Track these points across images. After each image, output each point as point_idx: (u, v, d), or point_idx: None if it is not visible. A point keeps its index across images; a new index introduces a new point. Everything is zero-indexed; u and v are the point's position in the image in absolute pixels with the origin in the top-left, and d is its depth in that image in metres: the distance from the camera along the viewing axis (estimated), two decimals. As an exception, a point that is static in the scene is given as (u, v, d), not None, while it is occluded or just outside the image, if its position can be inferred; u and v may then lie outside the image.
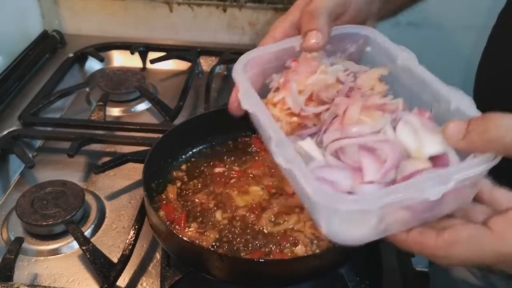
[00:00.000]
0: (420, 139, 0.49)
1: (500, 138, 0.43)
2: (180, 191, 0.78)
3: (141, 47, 1.23)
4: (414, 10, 1.94)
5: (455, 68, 2.00)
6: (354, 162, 0.50)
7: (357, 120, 0.52)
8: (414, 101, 0.53)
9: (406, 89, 0.55)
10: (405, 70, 0.55)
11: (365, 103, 0.54)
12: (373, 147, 0.50)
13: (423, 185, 0.44)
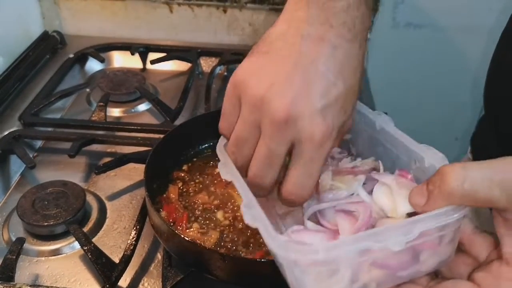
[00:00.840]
0: (395, 199, 0.50)
1: (459, 188, 0.42)
2: (182, 191, 0.78)
3: (141, 47, 1.23)
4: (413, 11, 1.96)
5: (454, 68, 2.01)
6: (332, 225, 0.51)
7: (331, 186, 0.54)
8: (396, 163, 0.55)
9: (388, 152, 0.57)
10: (383, 133, 0.57)
11: (336, 168, 0.56)
12: (350, 209, 0.51)
13: (384, 235, 0.43)
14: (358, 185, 0.53)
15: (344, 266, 0.43)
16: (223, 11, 1.27)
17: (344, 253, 0.42)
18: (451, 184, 0.42)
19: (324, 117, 0.48)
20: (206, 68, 1.22)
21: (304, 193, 0.51)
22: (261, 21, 1.26)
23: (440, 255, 0.46)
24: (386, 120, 0.58)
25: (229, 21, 1.28)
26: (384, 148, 0.57)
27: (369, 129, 0.59)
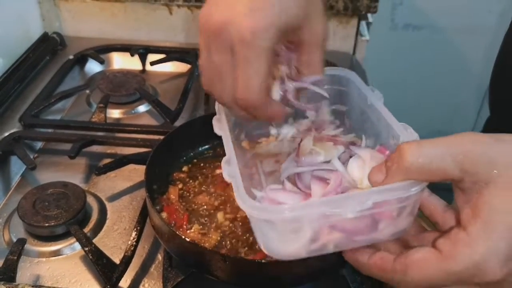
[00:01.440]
0: (365, 171, 0.53)
1: (414, 163, 0.45)
2: (182, 192, 0.78)
3: (141, 49, 1.23)
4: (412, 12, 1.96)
5: (453, 69, 2.02)
6: (305, 187, 0.55)
7: (311, 151, 0.58)
8: (378, 138, 0.59)
9: (374, 127, 0.60)
10: (372, 109, 0.60)
11: (318, 135, 0.60)
12: (324, 176, 0.55)
13: (341, 203, 0.46)
14: (336, 153, 0.57)
15: (306, 226, 0.47)
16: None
17: (307, 214, 0.46)
18: (408, 159, 0.45)
19: (253, 17, 0.50)
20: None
21: (250, 96, 0.52)
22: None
23: (397, 226, 0.49)
24: (377, 96, 0.60)
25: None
26: (371, 123, 0.60)
27: (362, 103, 0.62)
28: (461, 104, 2.12)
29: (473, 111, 2.14)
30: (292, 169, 0.58)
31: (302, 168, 0.57)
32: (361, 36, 1.27)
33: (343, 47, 1.29)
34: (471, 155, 0.44)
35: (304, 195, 0.54)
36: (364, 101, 0.61)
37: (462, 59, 2.00)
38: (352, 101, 0.64)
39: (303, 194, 0.55)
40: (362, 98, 0.62)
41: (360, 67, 1.25)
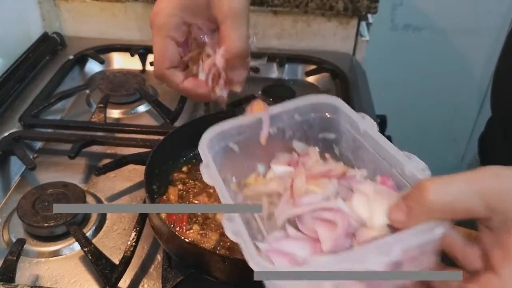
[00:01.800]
0: (372, 209, 0.50)
1: (438, 202, 0.42)
2: (181, 193, 0.78)
3: (141, 49, 1.23)
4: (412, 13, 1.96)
5: (452, 70, 2.02)
6: (310, 231, 0.51)
7: (306, 190, 0.55)
8: (378, 167, 0.56)
9: (369, 155, 0.57)
10: (367, 137, 0.57)
11: (310, 172, 0.57)
12: (327, 217, 0.51)
13: (365, 256, 0.43)
14: (332, 188, 0.54)
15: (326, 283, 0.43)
16: (222, 13, 1.27)
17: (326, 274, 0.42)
18: (431, 199, 0.42)
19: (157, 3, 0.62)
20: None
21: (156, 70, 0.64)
22: (261, 23, 1.26)
23: (420, 267, 0.46)
24: (370, 123, 0.58)
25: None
26: (366, 151, 0.58)
27: (353, 130, 0.60)
28: (461, 104, 2.12)
29: (473, 111, 2.14)
30: (288, 211, 0.54)
31: (301, 209, 0.53)
32: (361, 36, 1.28)
33: (343, 47, 1.29)
34: (498, 192, 0.41)
35: (311, 240, 0.50)
36: (355, 128, 0.59)
37: (462, 60, 2.00)
38: (340, 129, 0.62)
39: (309, 239, 0.51)
40: (353, 126, 0.60)
41: (360, 68, 1.25)
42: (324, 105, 0.62)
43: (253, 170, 0.63)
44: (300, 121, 0.63)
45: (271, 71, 1.22)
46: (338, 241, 0.48)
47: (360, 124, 0.58)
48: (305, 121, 0.63)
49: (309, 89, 1.18)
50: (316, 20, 1.25)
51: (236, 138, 0.61)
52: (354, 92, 1.10)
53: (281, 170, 0.60)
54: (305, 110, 0.62)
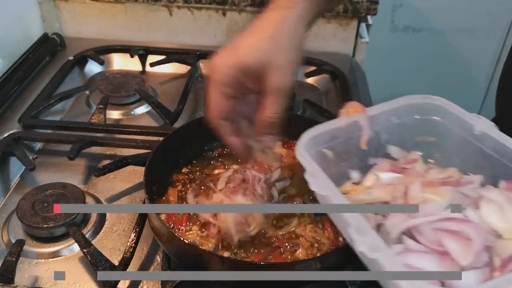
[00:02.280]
0: (506, 218, 0.47)
1: None
2: (181, 194, 0.78)
3: (141, 50, 1.23)
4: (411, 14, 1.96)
5: (452, 71, 2.02)
6: (432, 243, 0.48)
7: (423, 199, 0.51)
8: (499, 170, 0.51)
9: (489, 159, 0.53)
10: (486, 139, 0.53)
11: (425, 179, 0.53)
12: (452, 228, 0.48)
13: None
14: (454, 196, 0.50)
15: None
16: (222, 14, 1.27)
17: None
18: None
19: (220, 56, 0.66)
20: (205, 71, 1.23)
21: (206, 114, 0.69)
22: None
23: None
24: (488, 124, 0.54)
25: (229, 24, 1.28)
26: (484, 155, 0.53)
27: (462, 132, 0.56)
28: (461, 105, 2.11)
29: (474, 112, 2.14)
30: (405, 222, 0.49)
31: (420, 220, 0.49)
32: (361, 38, 1.28)
33: (343, 49, 1.29)
34: None
35: (437, 253, 0.47)
36: (466, 130, 0.55)
37: (462, 61, 2.01)
38: (443, 131, 0.58)
39: (434, 252, 0.47)
40: (462, 127, 0.56)
41: (360, 69, 1.25)
42: (424, 106, 0.60)
43: (345, 176, 0.61)
44: (397, 124, 0.60)
45: (271, 72, 1.22)
46: (478, 256, 0.45)
47: (475, 125, 0.55)
48: (403, 124, 0.60)
49: (309, 90, 1.18)
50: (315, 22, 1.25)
51: (329, 143, 0.60)
52: (354, 93, 1.10)
53: (389, 177, 0.57)
54: (402, 112, 0.60)
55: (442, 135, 0.58)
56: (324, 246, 0.69)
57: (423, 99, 0.59)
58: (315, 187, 0.52)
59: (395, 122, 0.60)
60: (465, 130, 0.55)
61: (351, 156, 0.61)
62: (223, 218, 0.70)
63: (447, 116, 0.58)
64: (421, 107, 0.59)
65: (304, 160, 0.55)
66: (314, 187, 0.52)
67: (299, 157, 0.56)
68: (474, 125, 0.55)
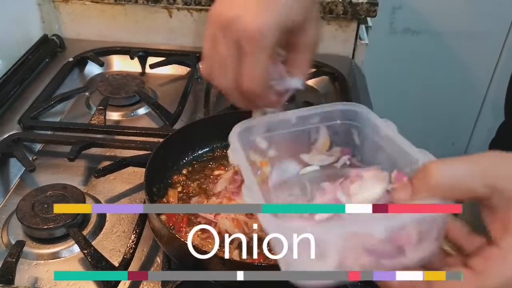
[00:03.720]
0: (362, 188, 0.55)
1: (442, 180, 0.44)
2: (181, 195, 0.78)
3: (141, 52, 1.23)
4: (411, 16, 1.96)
5: (452, 74, 2.02)
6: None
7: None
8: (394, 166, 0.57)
9: (388, 157, 0.59)
10: (387, 140, 0.59)
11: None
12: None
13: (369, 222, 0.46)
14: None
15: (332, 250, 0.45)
16: (222, 16, 1.27)
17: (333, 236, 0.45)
18: (435, 177, 0.45)
19: (261, 16, 0.54)
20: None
21: (255, 87, 0.57)
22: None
23: (423, 251, 0.48)
24: (390, 126, 0.60)
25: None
26: (385, 153, 0.60)
27: (374, 135, 0.62)
28: (460, 108, 2.12)
29: (473, 115, 2.15)
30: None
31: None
32: (360, 40, 1.28)
33: (342, 51, 1.29)
34: (498, 171, 0.44)
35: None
36: (376, 133, 0.61)
37: (461, 63, 2.01)
38: (364, 135, 0.64)
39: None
40: (374, 130, 0.62)
41: (359, 71, 1.25)
42: (349, 112, 0.64)
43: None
44: (326, 126, 0.65)
45: (271, 74, 1.22)
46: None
47: (382, 128, 0.60)
48: (330, 127, 0.65)
49: (308, 92, 1.18)
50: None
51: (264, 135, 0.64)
52: (353, 95, 1.10)
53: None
54: (332, 116, 0.65)
55: (363, 138, 0.64)
56: (324, 248, 0.69)
57: (348, 106, 0.65)
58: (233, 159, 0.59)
59: (324, 124, 0.65)
60: (374, 132, 0.62)
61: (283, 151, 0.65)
62: (223, 220, 0.70)
63: (365, 121, 0.63)
64: (345, 113, 0.65)
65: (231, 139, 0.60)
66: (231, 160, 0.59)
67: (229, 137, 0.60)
68: (381, 128, 0.60)
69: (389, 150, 0.59)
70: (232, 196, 0.74)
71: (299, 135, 0.65)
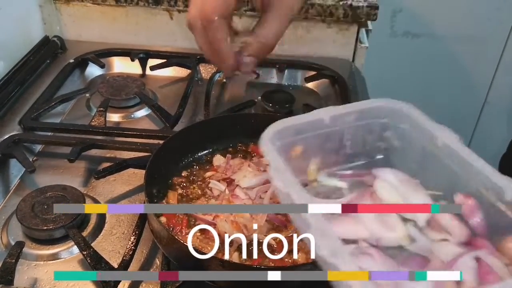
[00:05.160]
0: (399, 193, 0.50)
1: None
2: (181, 197, 0.78)
3: (141, 53, 1.23)
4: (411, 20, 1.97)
5: (452, 77, 2.02)
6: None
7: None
8: (457, 185, 0.50)
9: (446, 170, 0.52)
10: (446, 151, 0.52)
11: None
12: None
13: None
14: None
15: None
16: (223, 18, 1.27)
17: None
18: None
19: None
20: (205, 74, 1.23)
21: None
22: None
23: None
24: (451, 136, 0.54)
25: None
26: (443, 165, 0.53)
27: (425, 141, 0.55)
28: (460, 111, 2.12)
29: (473, 118, 2.15)
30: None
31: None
32: (360, 43, 1.28)
33: (342, 54, 1.29)
34: None
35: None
36: (430, 139, 0.54)
37: (461, 67, 2.01)
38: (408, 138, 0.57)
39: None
40: (426, 136, 0.55)
41: (360, 74, 1.26)
42: (389, 110, 0.59)
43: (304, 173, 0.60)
44: (361, 125, 0.59)
45: (271, 76, 1.23)
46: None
47: (439, 136, 0.54)
48: (366, 126, 0.59)
49: (309, 95, 1.19)
50: (316, 27, 1.26)
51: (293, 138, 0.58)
52: (353, 99, 1.10)
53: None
54: (367, 114, 0.59)
55: (404, 141, 0.58)
56: (323, 250, 0.69)
57: (388, 103, 0.59)
58: (279, 183, 0.50)
59: (359, 123, 0.59)
60: (428, 139, 0.55)
61: (313, 153, 0.60)
62: (222, 223, 0.70)
63: (412, 124, 0.57)
64: (386, 111, 0.59)
65: (267, 154, 0.53)
66: (278, 183, 0.50)
67: (263, 150, 0.54)
68: (438, 136, 0.54)
69: (449, 162, 0.51)
70: (232, 198, 0.74)
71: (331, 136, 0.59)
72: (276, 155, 0.52)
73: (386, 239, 0.49)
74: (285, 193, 0.49)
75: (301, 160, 0.59)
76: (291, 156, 0.58)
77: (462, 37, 1.93)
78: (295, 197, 0.48)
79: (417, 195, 0.48)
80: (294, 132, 0.58)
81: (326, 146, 0.59)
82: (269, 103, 1.08)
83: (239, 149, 0.88)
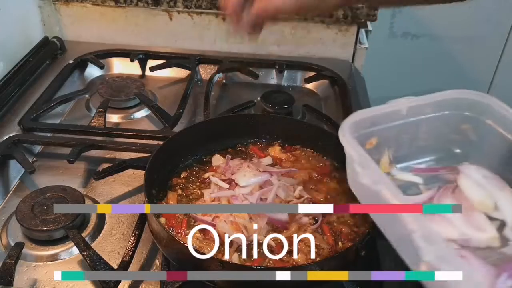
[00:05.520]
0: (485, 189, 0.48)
1: None
2: (181, 198, 0.78)
3: (141, 54, 1.23)
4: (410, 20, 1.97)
5: (451, 78, 2.02)
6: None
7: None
8: None
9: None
10: None
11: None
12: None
13: None
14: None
15: None
16: (222, 19, 1.28)
17: None
18: None
19: None
20: (205, 75, 1.23)
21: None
22: (260, 29, 1.26)
23: None
24: None
25: (228, 29, 1.29)
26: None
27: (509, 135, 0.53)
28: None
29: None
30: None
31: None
32: (360, 43, 1.28)
33: (342, 54, 1.29)
34: None
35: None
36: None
37: (460, 67, 2.01)
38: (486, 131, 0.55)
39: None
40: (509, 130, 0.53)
41: (359, 75, 1.26)
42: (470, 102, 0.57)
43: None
44: (437, 117, 0.58)
45: (270, 77, 1.23)
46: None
47: None
48: (443, 117, 0.58)
49: (308, 95, 1.19)
50: (315, 27, 1.26)
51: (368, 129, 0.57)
52: (353, 99, 1.10)
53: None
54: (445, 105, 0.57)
55: (484, 135, 0.56)
56: (323, 251, 0.69)
57: (469, 94, 0.57)
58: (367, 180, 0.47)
59: (436, 114, 0.58)
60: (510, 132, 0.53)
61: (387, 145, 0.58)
62: (222, 224, 0.70)
63: (494, 116, 0.55)
64: (466, 103, 0.57)
65: (350, 147, 0.50)
66: (365, 180, 0.48)
67: (344, 142, 0.51)
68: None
69: None
70: (231, 199, 0.74)
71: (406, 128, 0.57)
72: (360, 149, 0.50)
73: (476, 240, 0.47)
74: (375, 190, 0.46)
75: (374, 152, 0.56)
76: (366, 148, 0.55)
77: (462, 37, 1.93)
78: (387, 196, 0.46)
79: (504, 194, 0.46)
80: (370, 123, 0.57)
81: (400, 138, 0.58)
82: (268, 103, 1.08)
83: (238, 149, 0.88)
